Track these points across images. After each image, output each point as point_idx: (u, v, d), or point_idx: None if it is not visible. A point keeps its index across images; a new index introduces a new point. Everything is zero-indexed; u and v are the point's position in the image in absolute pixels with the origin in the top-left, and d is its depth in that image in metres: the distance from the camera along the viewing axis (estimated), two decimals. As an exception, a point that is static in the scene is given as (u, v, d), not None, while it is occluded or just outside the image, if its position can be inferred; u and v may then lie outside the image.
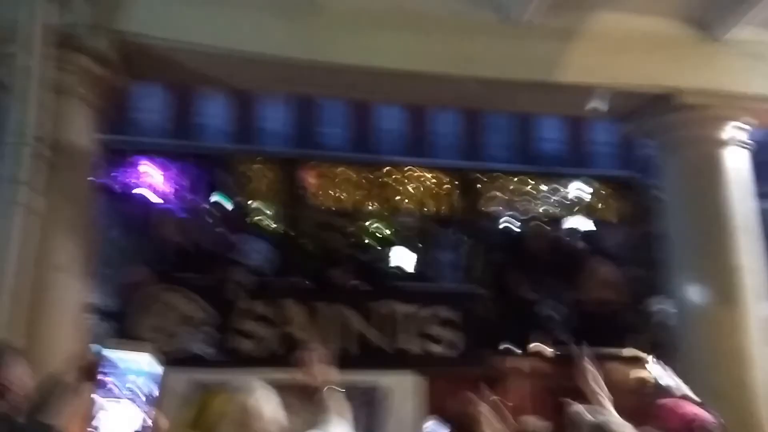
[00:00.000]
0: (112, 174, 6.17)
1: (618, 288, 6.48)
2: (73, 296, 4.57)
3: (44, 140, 4.34)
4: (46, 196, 4.32)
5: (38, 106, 4.25)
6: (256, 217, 7.55)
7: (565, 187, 6.86)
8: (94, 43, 4.67)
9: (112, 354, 2.87)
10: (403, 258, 6.79)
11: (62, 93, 4.63)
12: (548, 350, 5.75)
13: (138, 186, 6.38)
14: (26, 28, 4.28)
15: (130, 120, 18.28)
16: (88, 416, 2.88)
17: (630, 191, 6.82)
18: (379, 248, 7.51)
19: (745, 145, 5.69)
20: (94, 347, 3.33)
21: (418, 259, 6.98)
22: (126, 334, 5.15)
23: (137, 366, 2.85)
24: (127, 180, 6.24)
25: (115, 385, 2.80)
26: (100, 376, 2.82)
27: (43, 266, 4.37)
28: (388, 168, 6.83)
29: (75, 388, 3.22)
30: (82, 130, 4.80)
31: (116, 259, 5.65)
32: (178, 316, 5.38)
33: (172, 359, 5.14)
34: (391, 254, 6.96)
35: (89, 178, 4.90)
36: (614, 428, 2.74)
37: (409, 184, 6.74)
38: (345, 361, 5.09)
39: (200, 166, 6.53)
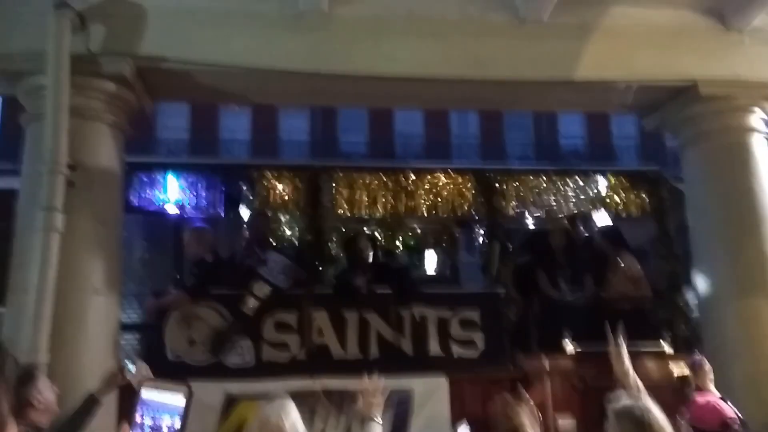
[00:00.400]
0: (139, 192, 6.30)
1: (644, 283, 6.42)
2: (107, 315, 4.71)
3: (75, 167, 4.47)
4: (78, 220, 4.46)
5: (68, 134, 4.38)
6: (281, 228, 7.66)
7: (587, 183, 6.81)
8: (116, 68, 4.82)
9: (147, 394, 2.95)
10: (428, 262, 6.83)
11: (88, 118, 4.80)
12: (571, 348, 5.73)
13: (163, 203, 6.51)
14: (54, 59, 4.43)
15: (154, 139, 18.72)
16: None
17: (653, 185, 6.74)
18: (404, 253, 7.55)
19: (763, 133, 5.62)
20: (128, 365, 3.43)
21: (442, 262, 7.00)
22: (157, 350, 5.29)
23: (171, 404, 2.92)
24: (153, 197, 6.38)
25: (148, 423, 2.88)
26: (134, 415, 2.91)
27: (79, 289, 4.51)
28: (409, 172, 6.85)
29: (102, 404, 3.33)
30: (109, 153, 4.96)
31: (145, 275, 5.78)
32: (209, 329, 5.49)
33: (203, 371, 5.32)
34: (415, 258, 6.99)
35: (117, 199, 5.04)
36: (638, 413, 2.66)
37: (431, 188, 6.74)
38: (371, 368, 5.20)
39: (224, 180, 6.63)
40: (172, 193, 6.45)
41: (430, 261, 6.55)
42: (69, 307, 4.34)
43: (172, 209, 6.65)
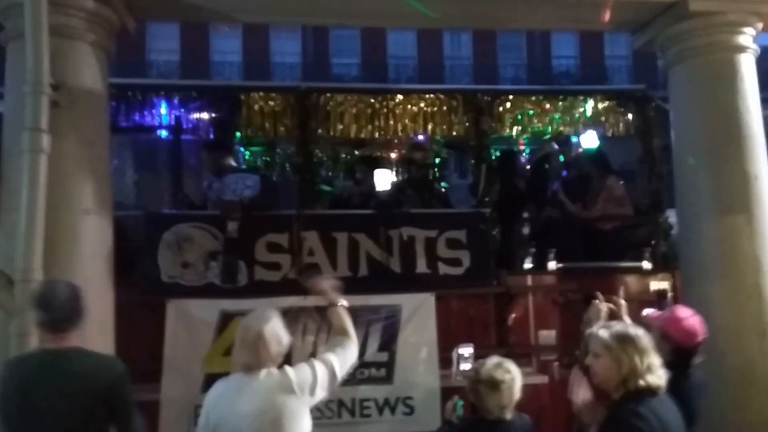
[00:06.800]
0: (129, 114, 6.28)
1: (628, 202, 6.53)
2: (100, 236, 4.79)
3: (58, 86, 4.44)
4: (64, 141, 4.48)
5: (51, 54, 4.33)
6: (271, 151, 7.69)
7: (575, 104, 6.79)
8: (97, -15, 4.71)
9: None
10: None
11: (69, 37, 4.72)
12: (554, 264, 5.91)
13: (153, 126, 6.50)
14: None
15: (145, 61, 18.36)
16: None
17: (640, 104, 6.72)
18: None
19: (752, 51, 5.56)
20: None
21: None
22: (153, 272, 5.45)
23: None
24: (143, 120, 6.36)
25: None
26: None
27: (69, 210, 4.57)
28: (397, 95, 6.81)
29: None
30: (92, 73, 4.90)
31: (135, 198, 5.85)
32: (204, 252, 5.63)
33: (199, 292, 5.48)
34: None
35: (103, 119, 5.04)
36: (633, 333, 3.00)
37: (419, 110, 6.72)
38: (361, 286, 5.37)
39: (212, 102, 6.59)
40: (163, 115, 6.43)
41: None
42: (60, 227, 4.41)
43: (165, 134, 6.65)
